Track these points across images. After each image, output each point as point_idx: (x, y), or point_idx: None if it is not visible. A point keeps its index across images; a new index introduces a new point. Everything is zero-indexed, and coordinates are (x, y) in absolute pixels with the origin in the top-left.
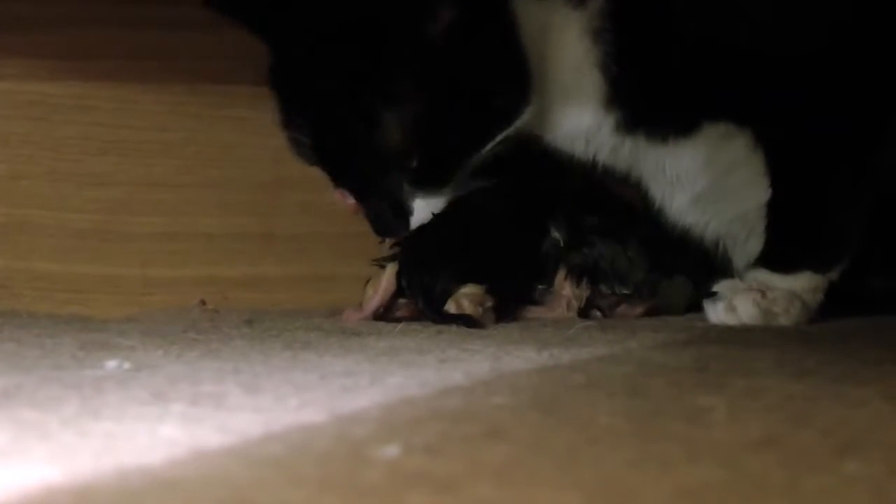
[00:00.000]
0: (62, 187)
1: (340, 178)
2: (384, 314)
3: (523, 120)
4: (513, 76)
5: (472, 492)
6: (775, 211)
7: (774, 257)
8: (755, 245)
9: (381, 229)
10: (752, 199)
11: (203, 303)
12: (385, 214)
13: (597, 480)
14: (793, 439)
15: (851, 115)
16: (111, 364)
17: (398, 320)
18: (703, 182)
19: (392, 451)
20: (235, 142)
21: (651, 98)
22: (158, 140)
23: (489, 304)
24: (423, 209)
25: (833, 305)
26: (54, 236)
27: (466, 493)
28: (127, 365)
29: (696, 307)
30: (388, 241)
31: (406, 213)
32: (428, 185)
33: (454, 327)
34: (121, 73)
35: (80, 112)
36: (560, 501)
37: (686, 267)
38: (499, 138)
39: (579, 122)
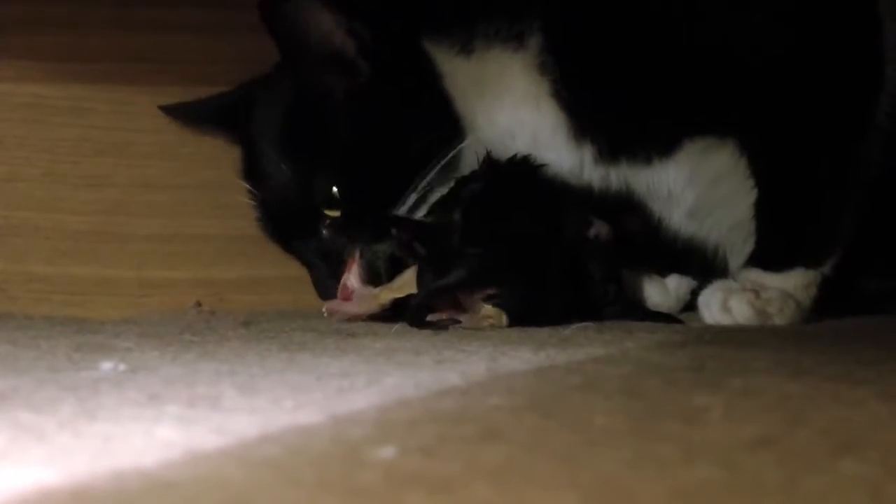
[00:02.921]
0: (58, 189)
1: (286, 242)
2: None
3: (449, 162)
4: (433, 127)
5: (469, 493)
6: (763, 210)
7: (766, 256)
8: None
9: (321, 293)
10: (745, 205)
11: (199, 304)
12: (323, 278)
13: (594, 481)
14: (789, 439)
15: (831, 111)
16: (107, 366)
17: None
18: (693, 195)
19: (388, 452)
20: (232, 144)
21: (620, 124)
22: (154, 142)
23: (505, 323)
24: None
25: (828, 307)
26: (50, 238)
27: (463, 494)
28: (123, 367)
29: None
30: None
31: (338, 266)
32: (360, 236)
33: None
34: (117, 76)
35: (77, 114)
36: (557, 502)
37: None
38: (423, 182)
39: (559, 157)
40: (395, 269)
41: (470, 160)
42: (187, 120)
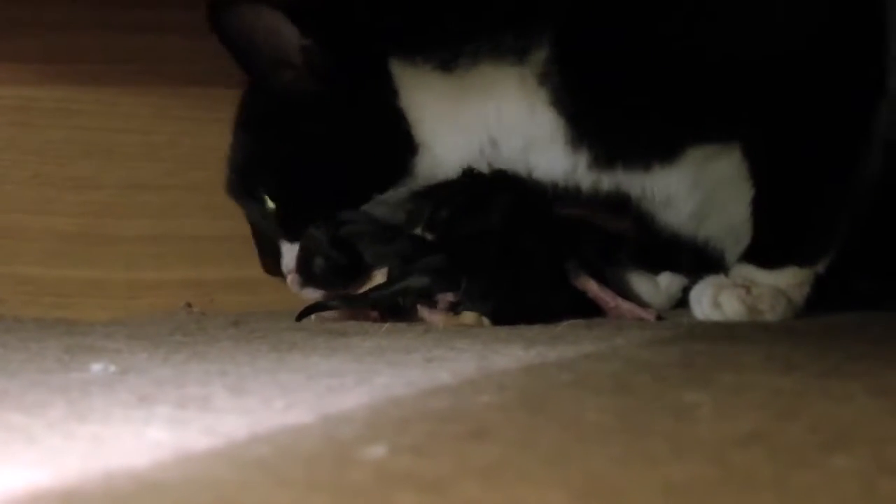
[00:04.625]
0: (46, 191)
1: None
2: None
3: (397, 184)
4: (377, 143)
5: (460, 491)
6: (759, 208)
7: (760, 253)
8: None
9: (261, 262)
10: (745, 206)
11: (189, 305)
12: (267, 253)
13: (584, 478)
14: (780, 435)
15: (834, 115)
16: (97, 367)
17: None
18: (693, 200)
19: (379, 451)
20: (220, 144)
21: (624, 131)
22: (143, 143)
23: (487, 324)
24: (289, 251)
25: (819, 305)
26: (39, 240)
27: (453, 492)
28: (113, 368)
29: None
30: None
31: (278, 254)
32: (287, 232)
33: (440, 325)
34: (105, 77)
35: (64, 116)
36: (548, 500)
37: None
38: (375, 196)
39: (553, 163)
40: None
41: (423, 174)
42: None
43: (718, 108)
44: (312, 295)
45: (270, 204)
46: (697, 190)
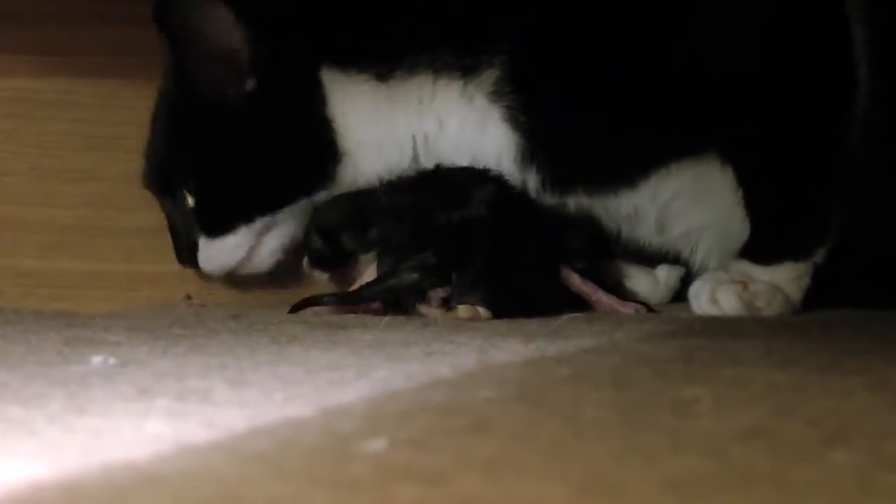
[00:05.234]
0: (46, 183)
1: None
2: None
3: (319, 189)
4: (301, 149)
5: (459, 485)
6: (753, 205)
7: (756, 249)
8: (716, 251)
9: (177, 255)
10: (713, 212)
11: (188, 298)
12: (182, 245)
13: (583, 472)
14: (779, 429)
15: (808, 112)
16: (97, 360)
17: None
18: (658, 212)
19: (379, 444)
20: None
21: (585, 152)
22: (142, 135)
23: (487, 315)
24: (205, 247)
25: (817, 299)
26: (39, 233)
27: (453, 486)
28: (112, 360)
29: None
30: None
31: (194, 247)
32: (205, 228)
33: (440, 319)
34: (104, 69)
35: (64, 108)
36: (547, 494)
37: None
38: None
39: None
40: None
41: (346, 182)
42: None
43: (691, 123)
44: (322, 277)
45: (190, 200)
46: (658, 203)
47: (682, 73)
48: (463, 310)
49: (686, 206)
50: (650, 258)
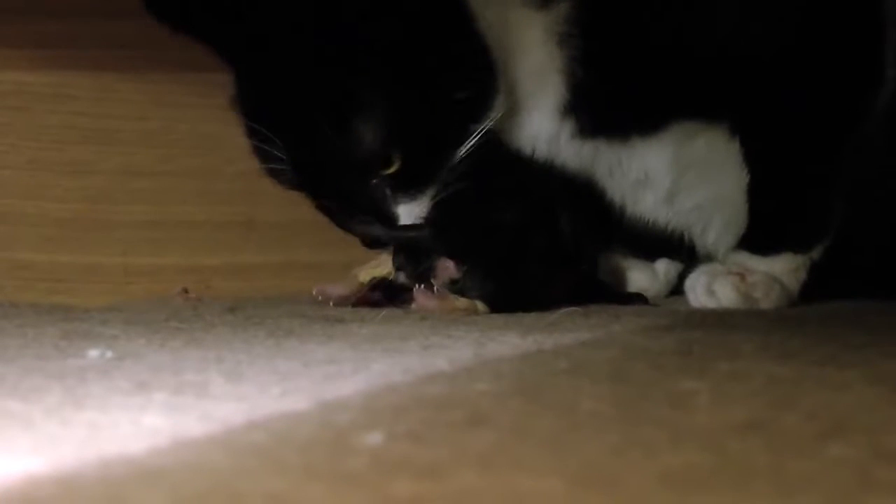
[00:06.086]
0: (43, 177)
1: (323, 196)
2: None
3: (497, 113)
4: (474, 67)
5: (456, 478)
6: (754, 195)
7: (754, 240)
8: (724, 233)
9: (370, 242)
10: (724, 188)
11: (185, 291)
12: (373, 227)
13: (580, 466)
14: (776, 423)
15: (827, 102)
16: (94, 353)
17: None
18: (671, 179)
19: (376, 438)
20: (216, 130)
21: (614, 102)
22: (139, 129)
23: (484, 310)
24: (407, 215)
25: (815, 292)
26: (35, 226)
27: (450, 479)
28: (109, 354)
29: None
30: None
31: (392, 221)
32: (410, 189)
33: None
34: (101, 62)
35: (61, 101)
36: (544, 487)
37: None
38: (477, 134)
39: (539, 127)
40: None
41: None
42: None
43: (711, 88)
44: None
45: (396, 165)
46: (676, 166)
47: (718, 43)
48: (462, 302)
49: (697, 180)
50: (650, 245)
